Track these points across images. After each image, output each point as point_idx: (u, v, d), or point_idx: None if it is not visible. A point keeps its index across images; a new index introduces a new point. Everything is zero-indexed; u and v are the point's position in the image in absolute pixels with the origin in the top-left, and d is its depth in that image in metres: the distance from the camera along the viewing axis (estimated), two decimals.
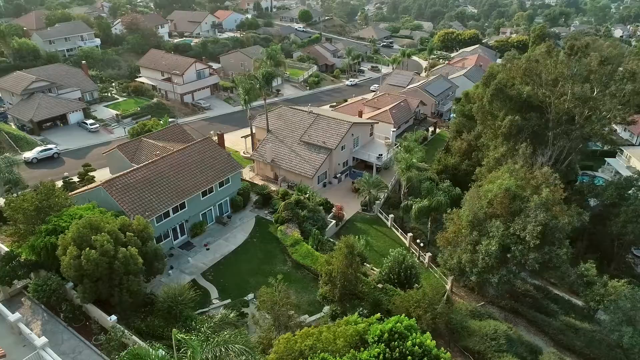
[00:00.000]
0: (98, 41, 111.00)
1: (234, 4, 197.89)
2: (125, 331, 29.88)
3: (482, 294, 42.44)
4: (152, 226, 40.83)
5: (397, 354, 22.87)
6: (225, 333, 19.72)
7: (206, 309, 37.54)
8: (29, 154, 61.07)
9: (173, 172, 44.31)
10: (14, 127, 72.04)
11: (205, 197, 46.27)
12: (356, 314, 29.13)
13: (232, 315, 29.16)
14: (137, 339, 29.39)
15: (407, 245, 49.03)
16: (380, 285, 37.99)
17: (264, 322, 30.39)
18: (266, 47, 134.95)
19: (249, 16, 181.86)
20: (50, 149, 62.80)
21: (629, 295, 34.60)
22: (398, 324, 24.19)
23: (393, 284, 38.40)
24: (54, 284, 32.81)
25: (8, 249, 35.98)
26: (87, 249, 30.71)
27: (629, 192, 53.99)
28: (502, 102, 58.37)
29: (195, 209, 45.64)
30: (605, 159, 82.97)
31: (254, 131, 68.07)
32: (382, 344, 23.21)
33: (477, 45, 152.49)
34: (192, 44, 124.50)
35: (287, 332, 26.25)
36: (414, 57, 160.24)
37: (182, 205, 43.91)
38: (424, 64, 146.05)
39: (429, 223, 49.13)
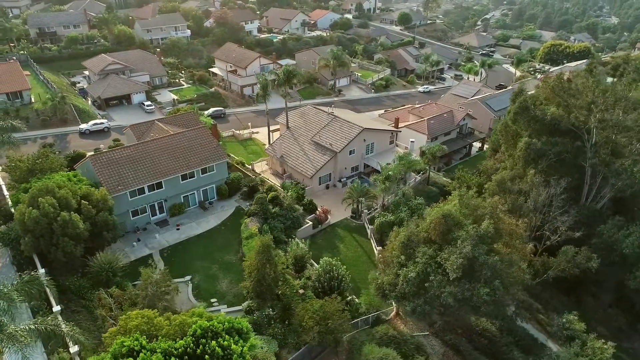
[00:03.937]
0: (188, 32, 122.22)
1: (337, 4, 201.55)
2: (43, 284, 33.77)
3: (429, 323, 39.48)
4: (124, 199, 45.19)
5: (199, 351, 23.10)
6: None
7: None
8: (83, 126, 70.32)
9: (158, 154, 48.04)
10: (89, 102, 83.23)
11: (185, 181, 49.35)
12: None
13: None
14: (49, 292, 33.18)
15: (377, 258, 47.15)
16: (301, 291, 37.50)
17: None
18: (351, 47, 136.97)
19: (350, 16, 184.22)
20: (102, 123, 71.56)
21: (561, 355, 29.56)
22: (219, 324, 24.31)
23: (318, 292, 37.65)
24: (13, 234, 38.29)
25: None
26: (30, 208, 35.37)
27: None
28: (526, 122, 52.72)
29: (174, 190, 48.90)
30: None
31: (274, 127, 70.24)
32: (191, 339, 23.59)
33: (584, 60, 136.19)
34: (275, 40, 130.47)
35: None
36: (510, 69, 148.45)
37: (159, 185, 47.46)
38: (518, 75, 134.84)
39: None
